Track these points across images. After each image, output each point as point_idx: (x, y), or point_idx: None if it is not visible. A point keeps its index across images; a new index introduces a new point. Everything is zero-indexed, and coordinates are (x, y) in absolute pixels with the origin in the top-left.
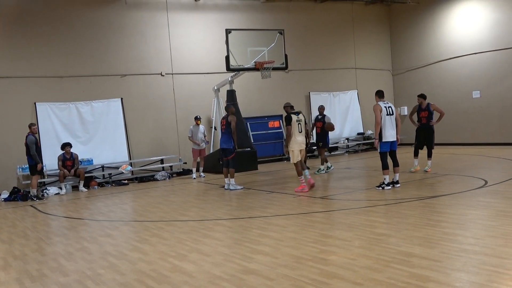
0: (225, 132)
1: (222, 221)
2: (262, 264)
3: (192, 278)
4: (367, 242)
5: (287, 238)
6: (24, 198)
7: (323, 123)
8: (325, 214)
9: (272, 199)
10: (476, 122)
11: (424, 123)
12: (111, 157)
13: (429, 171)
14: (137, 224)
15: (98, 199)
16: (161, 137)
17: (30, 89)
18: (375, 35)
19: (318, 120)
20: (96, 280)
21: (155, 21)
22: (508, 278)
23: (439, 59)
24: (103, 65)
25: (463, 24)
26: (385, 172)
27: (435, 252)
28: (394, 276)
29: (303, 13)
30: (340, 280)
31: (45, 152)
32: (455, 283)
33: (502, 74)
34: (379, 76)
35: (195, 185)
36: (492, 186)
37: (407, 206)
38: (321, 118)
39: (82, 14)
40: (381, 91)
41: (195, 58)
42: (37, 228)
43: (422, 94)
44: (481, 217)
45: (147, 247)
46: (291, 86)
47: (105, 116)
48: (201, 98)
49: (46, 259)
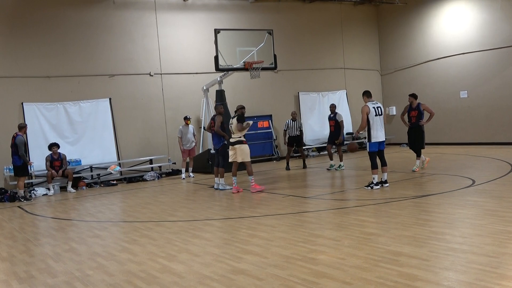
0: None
1: (211, 221)
2: (251, 264)
3: (181, 279)
4: (356, 242)
5: (276, 238)
6: (12, 199)
7: (335, 121)
8: (315, 214)
9: (262, 199)
10: (464, 122)
11: (414, 123)
12: (100, 157)
13: (418, 171)
14: (126, 225)
15: (86, 199)
16: (150, 137)
17: (17, 89)
18: (364, 35)
19: (330, 119)
20: (84, 281)
21: (144, 21)
22: (495, 277)
23: (427, 59)
24: (91, 65)
25: (451, 25)
26: (374, 172)
27: (424, 251)
28: (383, 275)
29: (292, 13)
30: (330, 280)
31: (33, 153)
32: (443, 281)
33: (490, 74)
34: (367, 76)
35: (184, 185)
36: (480, 185)
37: (396, 205)
38: (333, 117)
39: (70, 14)
40: (369, 91)
41: (184, 58)
42: (25, 229)
43: (413, 93)
44: (469, 216)
45: (136, 248)
46: (280, 86)
47: (94, 116)
48: (190, 98)
49: (34, 260)
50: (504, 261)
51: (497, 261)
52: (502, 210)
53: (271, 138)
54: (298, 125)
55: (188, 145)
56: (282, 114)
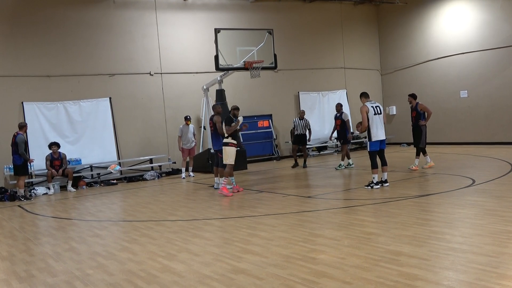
0: (213, 132)
1: (211, 220)
2: (251, 263)
3: (181, 278)
4: (356, 241)
5: (276, 238)
6: (12, 198)
7: (341, 120)
8: (315, 213)
9: (262, 198)
10: (464, 122)
11: (414, 123)
12: (100, 157)
13: (416, 169)
14: (126, 224)
15: (86, 199)
16: (150, 137)
17: (17, 88)
18: (364, 35)
19: (337, 118)
20: (84, 280)
21: (144, 20)
22: (495, 276)
23: (427, 59)
24: (91, 65)
25: (451, 24)
26: (374, 171)
27: (424, 250)
28: (383, 275)
29: (292, 13)
30: (330, 279)
31: (33, 152)
32: (443, 281)
33: (490, 74)
34: (367, 76)
35: (184, 184)
36: (480, 185)
37: (395, 205)
38: (339, 116)
39: (70, 13)
40: (366, 93)
41: (184, 57)
42: (25, 228)
43: (413, 93)
44: (469, 216)
45: (136, 247)
46: (280, 85)
47: (94, 116)
48: (190, 98)
49: (34, 260)
50: (504, 261)
51: (497, 261)
52: (502, 209)
53: (271, 137)
54: (304, 124)
55: (188, 145)
56: (282, 114)
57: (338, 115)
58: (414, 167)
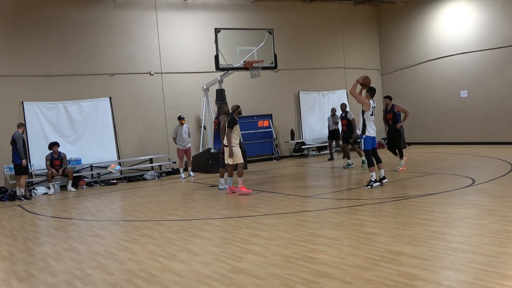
0: (217, 132)
1: (211, 220)
2: (251, 263)
3: (181, 278)
4: (356, 241)
5: (276, 237)
6: (12, 198)
7: (346, 120)
8: (314, 213)
9: (262, 198)
10: (464, 122)
11: (391, 125)
12: (100, 156)
13: (403, 169)
14: (126, 224)
15: (86, 198)
16: (150, 137)
17: (17, 88)
18: (364, 34)
19: (342, 118)
20: (84, 280)
21: (144, 20)
22: (495, 276)
23: (427, 58)
24: (91, 64)
25: (451, 24)
26: (371, 169)
27: (424, 250)
28: (383, 275)
29: (292, 13)
30: (329, 279)
31: (33, 152)
32: (443, 281)
33: (490, 74)
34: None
35: (184, 184)
36: (480, 185)
37: (395, 205)
38: (345, 116)
39: (70, 13)
40: (374, 89)
41: (184, 57)
42: (25, 228)
43: (388, 95)
44: (469, 216)
45: (136, 247)
46: (280, 85)
47: (94, 116)
48: (190, 98)
49: (34, 259)
50: (504, 261)
51: (497, 261)
52: (502, 209)
53: (271, 137)
54: (335, 120)
55: (183, 145)
56: (282, 114)
57: (344, 115)
58: (401, 167)
